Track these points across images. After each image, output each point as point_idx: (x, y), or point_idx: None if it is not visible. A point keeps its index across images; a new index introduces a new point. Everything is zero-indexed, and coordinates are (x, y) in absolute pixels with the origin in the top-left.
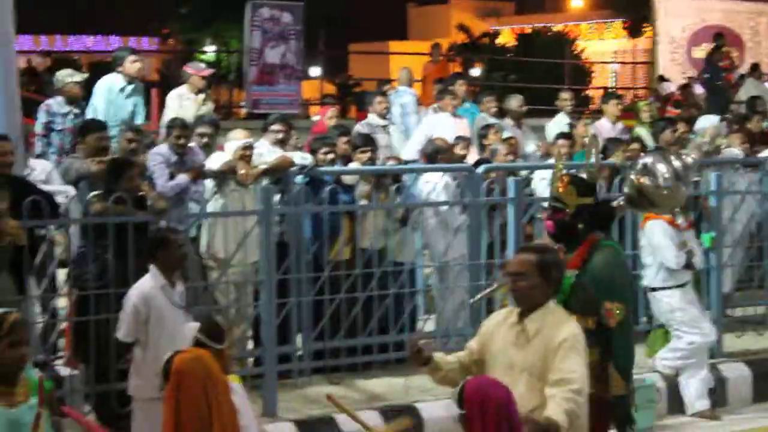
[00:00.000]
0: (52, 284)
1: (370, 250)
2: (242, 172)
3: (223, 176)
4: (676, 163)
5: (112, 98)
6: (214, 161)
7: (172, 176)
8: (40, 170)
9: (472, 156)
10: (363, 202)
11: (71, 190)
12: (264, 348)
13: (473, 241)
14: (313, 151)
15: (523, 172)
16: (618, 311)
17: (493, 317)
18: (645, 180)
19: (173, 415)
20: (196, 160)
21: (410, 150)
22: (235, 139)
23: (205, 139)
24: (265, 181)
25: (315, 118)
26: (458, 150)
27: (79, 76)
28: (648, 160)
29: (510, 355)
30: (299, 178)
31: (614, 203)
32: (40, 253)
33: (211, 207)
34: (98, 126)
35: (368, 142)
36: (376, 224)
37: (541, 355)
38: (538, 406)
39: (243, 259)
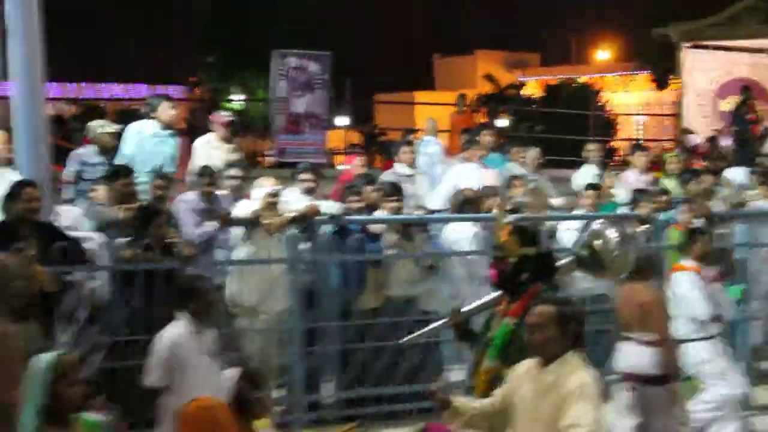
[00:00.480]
0: (80, 331)
1: (399, 298)
2: (266, 222)
3: (250, 224)
4: (629, 230)
5: (143, 144)
6: (242, 209)
7: (199, 224)
8: (66, 216)
9: None
10: (390, 251)
11: (98, 237)
12: (292, 396)
13: None
14: (341, 200)
15: (549, 224)
16: None
17: (521, 366)
18: (599, 243)
19: None
20: (223, 208)
21: (437, 199)
22: (262, 187)
23: (236, 182)
24: (292, 229)
25: (340, 167)
26: (487, 200)
27: (111, 127)
28: (598, 226)
29: (530, 407)
30: (326, 227)
31: (561, 263)
32: (67, 300)
33: (238, 254)
34: (125, 172)
35: (396, 191)
36: (405, 273)
37: (556, 407)
38: None
39: (270, 307)
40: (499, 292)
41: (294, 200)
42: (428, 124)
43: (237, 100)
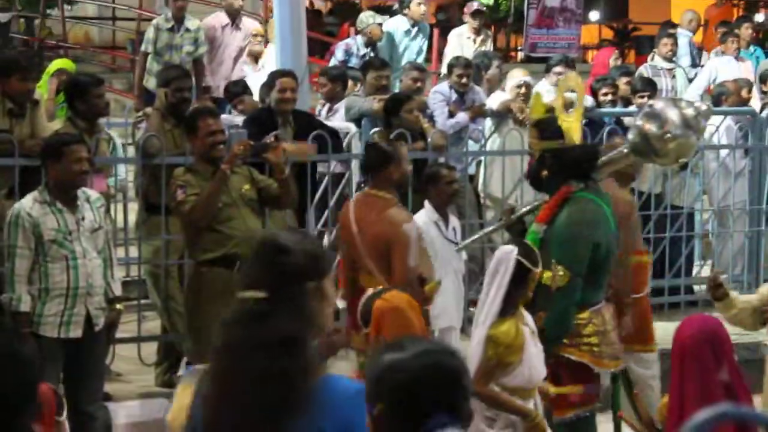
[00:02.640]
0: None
1: (648, 192)
2: (519, 113)
3: (502, 116)
4: (688, 111)
5: (398, 40)
6: (494, 100)
7: (451, 114)
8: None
9: (754, 100)
10: None
11: (353, 127)
12: None
13: (754, 186)
14: (594, 92)
15: None
16: (562, 274)
17: None
18: (651, 126)
19: None
20: (476, 99)
21: (692, 92)
22: (513, 79)
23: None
24: None
25: (592, 63)
26: (742, 93)
27: (381, 18)
28: (657, 105)
29: None
30: None
31: (618, 150)
32: (321, 188)
33: (489, 146)
34: (379, 65)
35: (647, 86)
36: (655, 167)
37: None
38: None
39: (518, 199)
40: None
41: (546, 92)
42: (686, 15)
43: None
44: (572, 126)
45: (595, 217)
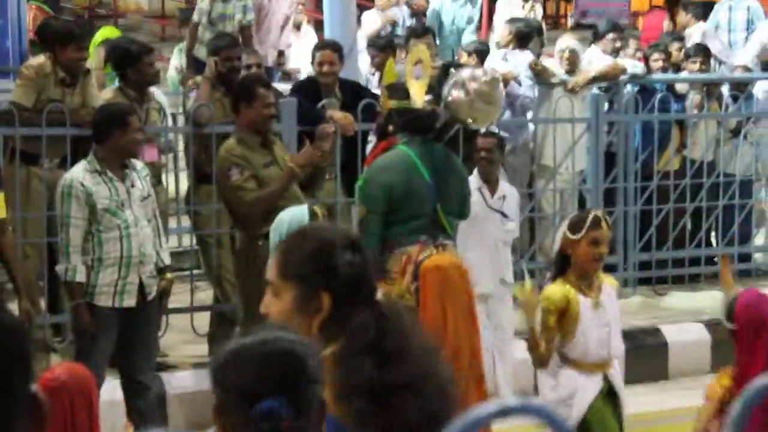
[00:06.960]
0: None
1: (701, 160)
2: (569, 80)
3: (552, 83)
4: (483, 79)
5: (446, 7)
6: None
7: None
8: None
9: None
10: (694, 111)
11: None
12: None
13: None
14: (646, 59)
15: None
16: (361, 210)
17: None
18: (455, 93)
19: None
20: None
21: (744, 57)
22: (560, 44)
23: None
24: (595, 89)
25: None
26: None
27: None
28: (461, 74)
29: None
30: (629, 87)
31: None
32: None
33: (540, 113)
34: (420, 32)
35: (700, 51)
36: (707, 134)
37: None
38: None
39: (569, 167)
40: None
41: (597, 59)
42: None
43: None
44: (417, 91)
45: (390, 163)
